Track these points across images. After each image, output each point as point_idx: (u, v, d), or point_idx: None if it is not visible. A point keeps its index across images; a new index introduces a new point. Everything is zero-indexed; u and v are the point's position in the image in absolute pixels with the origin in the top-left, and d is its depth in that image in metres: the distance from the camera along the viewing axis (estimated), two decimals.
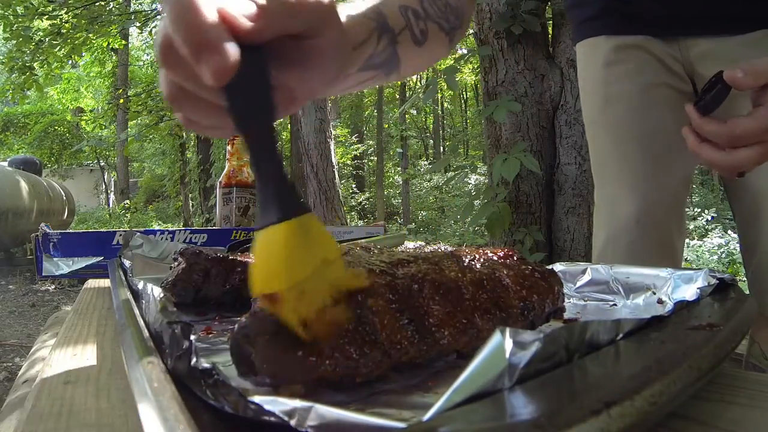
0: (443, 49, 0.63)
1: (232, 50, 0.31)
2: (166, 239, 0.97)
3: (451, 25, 0.62)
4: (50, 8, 5.37)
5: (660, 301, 0.55)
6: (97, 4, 5.62)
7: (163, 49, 0.34)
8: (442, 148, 16.87)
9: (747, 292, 0.66)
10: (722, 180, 0.90)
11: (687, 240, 5.81)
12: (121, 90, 9.52)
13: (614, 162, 0.92)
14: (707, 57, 0.83)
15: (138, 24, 6.26)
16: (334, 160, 5.14)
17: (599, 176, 0.95)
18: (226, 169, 1.27)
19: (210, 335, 0.49)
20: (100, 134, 12.83)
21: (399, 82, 13.99)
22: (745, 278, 0.88)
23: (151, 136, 9.43)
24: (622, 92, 0.89)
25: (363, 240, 1.05)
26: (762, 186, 0.80)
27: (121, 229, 1.07)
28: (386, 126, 14.26)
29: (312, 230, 0.33)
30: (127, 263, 0.75)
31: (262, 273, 0.33)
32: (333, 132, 5.80)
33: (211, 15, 0.32)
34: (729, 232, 5.78)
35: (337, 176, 5.20)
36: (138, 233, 0.88)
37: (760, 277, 0.82)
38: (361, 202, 12.80)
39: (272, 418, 0.26)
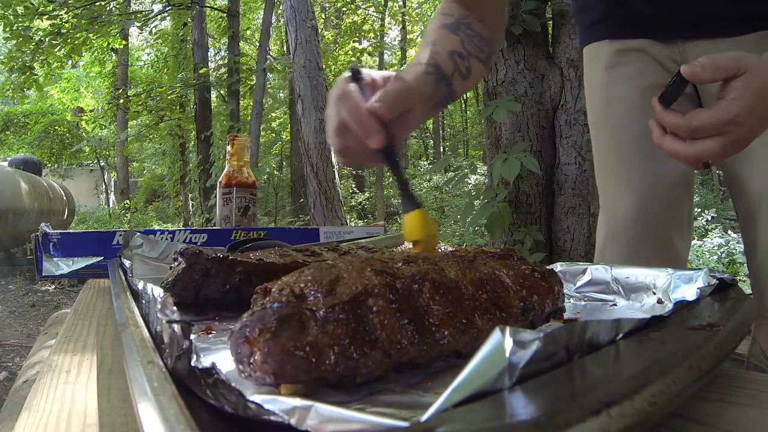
0: (482, 72, 0.81)
1: (382, 132, 0.61)
2: (166, 239, 0.97)
3: (486, 55, 0.78)
4: (50, 8, 5.37)
5: (660, 301, 0.55)
6: (97, 4, 5.62)
7: (338, 127, 0.63)
8: (442, 148, 16.86)
9: (747, 292, 0.66)
10: (724, 181, 0.91)
11: None
12: (121, 90, 9.52)
13: (614, 162, 0.94)
14: None
15: (138, 24, 6.27)
16: (334, 160, 5.14)
17: (601, 177, 0.97)
18: (226, 170, 1.26)
19: (210, 335, 0.49)
20: (100, 134, 12.83)
21: None
22: (744, 278, 0.88)
23: (151, 136, 9.44)
24: (623, 94, 0.91)
25: (363, 240, 1.05)
26: (759, 187, 0.81)
27: (121, 229, 1.06)
28: None
29: (426, 216, 0.61)
30: (127, 263, 0.75)
31: (411, 229, 0.61)
32: None
33: (367, 111, 0.61)
34: (729, 232, 5.78)
35: (337, 176, 5.19)
36: (138, 233, 0.88)
37: (760, 278, 0.82)
38: (361, 202, 12.80)
39: (272, 418, 0.26)
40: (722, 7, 0.81)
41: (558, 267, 0.66)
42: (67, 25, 5.47)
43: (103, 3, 5.77)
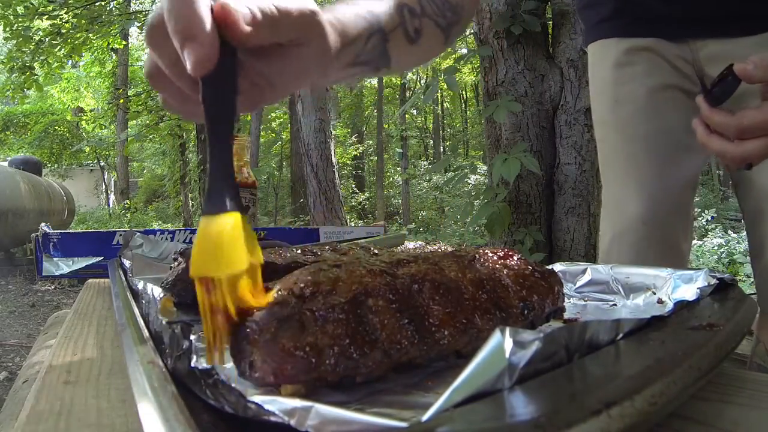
0: (438, 45, 0.64)
1: (215, 45, 0.34)
2: (166, 239, 0.97)
3: (448, 21, 0.63)
4: (50, 8, 5.37)
5: (660, 301, 0.55)
6: (97, 4, 5.62)
7: (153, 29, 0.36)
8: (442, 148, 16.86)
9: (747, 292, 0.66)
10: (731, 179, 0.90)
11: None
12: (121, 90, 9.52)
13: (622, 161, 0.93)
14: (717, 58, 0.83)
15: (138, 24, 6.26)
16: (334, 160, 5.14)
17: (606, 176, 0.96)
18: None
19: None
20: (100, 134, 12.83)
21: (399, 82, 13.98)
22: (744, 278, 0.88)
23: (151, 136, 9.42)
24: (631, 93, 0.90)
25: (363, 240, 1.05)
26: (766, 185, 0.80)
27: (121, 229, 1.06)
28: (386, 126, 14.25)
29: (247, 230, 0.34)
30: (127, 263, 0.75)
31: (204, 256, 0.32)
32: (333, 132, 5.80)
33: (204, 9, 0.34)
34: (729, 232, 5.78)
35: (337, 176, 5.19)
36: (138, 233, 0.88)
37: (766, 278, 0.82)
38: (361, 202, 12.80)
39: (272, 418, 0.26)
40: (735, 6, 0.81)
41: (558, 267, 0.66)
42: (67, 25, 5.47)
43: (103, 3, 5.77)
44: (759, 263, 0.83)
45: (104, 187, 15.09)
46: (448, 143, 17.18)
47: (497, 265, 0.47)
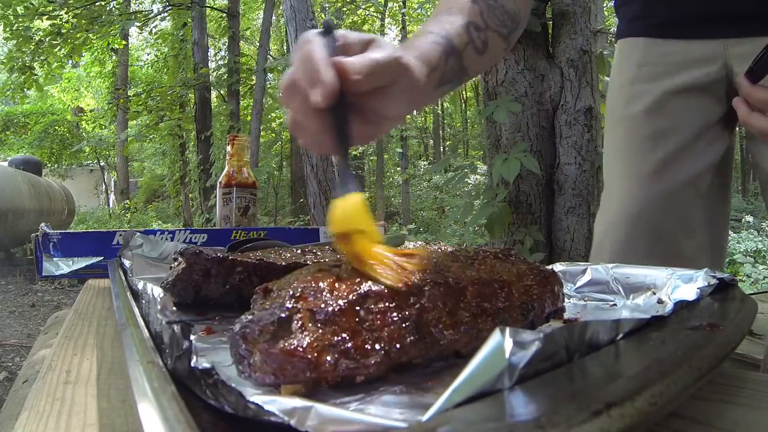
0: (502, 52, 0.72)
1: (336, 86, 0.46)
2: (166, 239, 0.97)
3: (509, 30, 0.70)
4: (50, 8, 5.37)
5: (660, 301, 0.55)
6: (97, 4, 5.62)
7: (287, 88, 0.49)
8: (442, 148, 16.86)
9: (747, 292, 0.65)
10: (756, 175, 0.91)
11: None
12: (121, 90, 9.52)
13: (624, 156, 0.95)
14: (749, 56, 0.84)
15: (138, 24, 6.26)
16: (334, 160, 5.14)
17: (610, 168, 0.99)
18: (225, 170, 1.26)
19: (210, 335, 0.49)
20: (100, 134, 12.82)
21: None
22: (744, 278, 0.88)
23: (151, 136, 9.43)
24: (646, 92, 0.92)
25: None
26: None
27: (121, 229, 1.06)
28: None
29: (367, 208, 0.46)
30: (127, 263, 0.75)
31: (341, 218, 0.44)
32: None
33: (324, 60, 0.47)
34: (729, 232, 5.77)
35: (337, 176, 5.19)
36: (138, 233, 0.88)
37: None
38: None
39: (272, 418, 0.26)
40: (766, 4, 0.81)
41: (558, 267, 0.66)
42: (67, 25, 5.47)
43: (103, 3, 5.77)
44: None
45: (104, 187, 15.09)
46: (448, 143, 17.17)
47: (497, 265, 0.47)
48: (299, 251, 0.71)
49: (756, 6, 0.82)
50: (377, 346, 0.35)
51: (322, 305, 0.35)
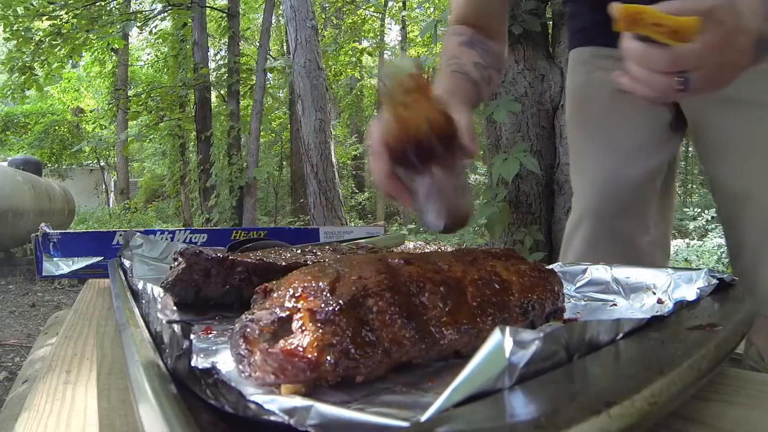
0: (498, 81, 0.90)
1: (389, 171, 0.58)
2: (166, 239, 0.97)
3: (500, 66, 0.87)
4: (50, 9, 5.37)
5: (660, 301, 0.55)
6: (97, 4, 5.62)
7: (373, 158, 0.60)
8: None
9: None
10: (708, 183, 0.95)
11: (687, 240, 5.81)
12: (121, 90, 9.52)
13: (582, 157, 1.01)
14: None
15: (138, 24, 6.26)
16: (334, 160, 5.14)
17: (572, 172, 1.05)
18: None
19: (210, 335, 0.49)
20: (100, 134, 12.82)
21: None
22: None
23: (151, 136, 9.43)
24: (598, 95, 0.97)
25: (363, 240, 1.05)
26: (741, 187, 0.83)
27: (121, 229, 1.06)
28: None
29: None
30: (127, 263, 0.75)
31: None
32: (333, 132, 5.80)
33: (385, 162, 0.57)
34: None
35: (337, 176, 5.19)
36: (138, 233, 0.88)
37: (747, 280, 0.83)
38: (361, 202, 12.78)
39: (272, 418, 0.26)
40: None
41: (558, 267, 0.66)
42: (67, 25, 5.46)
43: (103, 3, 5.77)
44: (738, 264, 0.86)
45: (104, 187, 15.09)
46: None
47: (497, 265, 0.47)
48: (299, 251, 0.71)
49: None
50: (377, 346, 0.35)
51: (322, 305, 0.35)
